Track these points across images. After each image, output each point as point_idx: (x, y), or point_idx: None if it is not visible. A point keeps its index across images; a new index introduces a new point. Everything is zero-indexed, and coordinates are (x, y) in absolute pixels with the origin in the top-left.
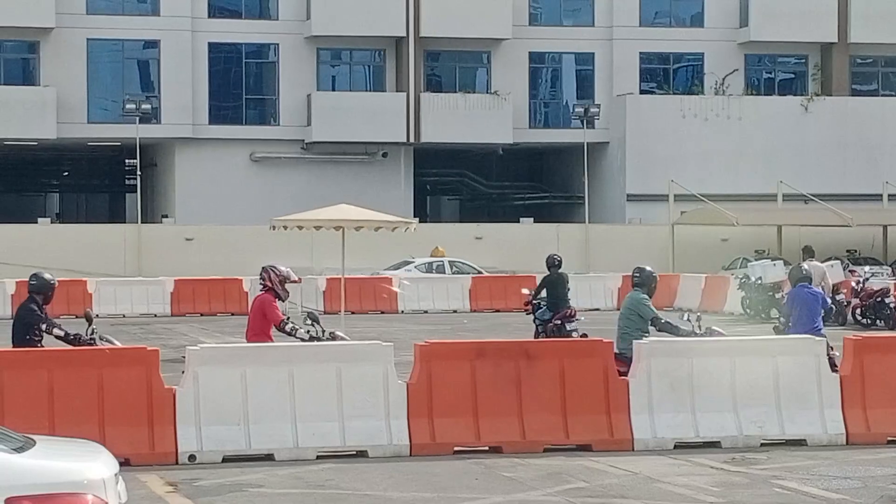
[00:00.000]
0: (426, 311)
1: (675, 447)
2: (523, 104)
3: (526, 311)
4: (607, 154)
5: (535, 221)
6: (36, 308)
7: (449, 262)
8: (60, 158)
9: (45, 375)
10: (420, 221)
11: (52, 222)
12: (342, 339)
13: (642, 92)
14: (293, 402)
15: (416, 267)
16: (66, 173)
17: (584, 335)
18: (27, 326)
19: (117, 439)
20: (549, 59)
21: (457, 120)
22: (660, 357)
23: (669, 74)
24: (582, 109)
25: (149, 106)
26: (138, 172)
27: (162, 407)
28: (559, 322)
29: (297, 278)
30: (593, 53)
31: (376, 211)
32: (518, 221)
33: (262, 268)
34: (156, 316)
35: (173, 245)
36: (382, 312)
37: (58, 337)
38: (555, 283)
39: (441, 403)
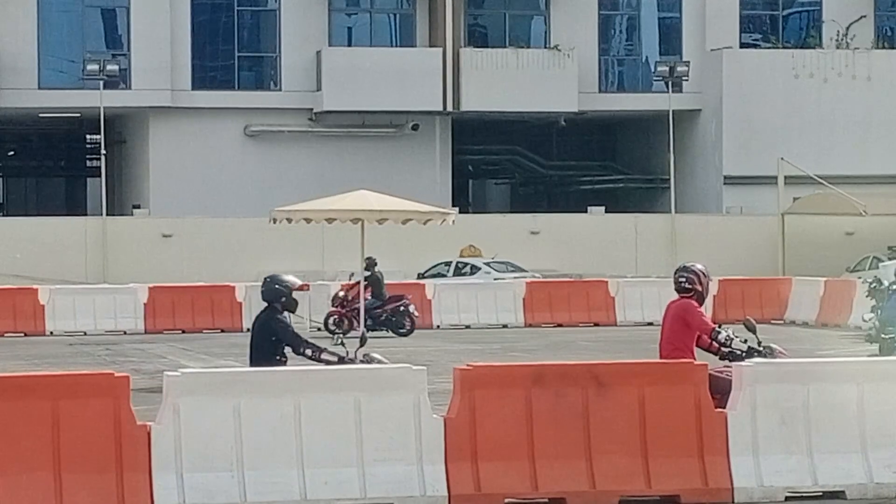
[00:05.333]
0: (468, 327)
1: (787, 498)
2: (591, 62)
3: None
4: (699, 125)
5: (606, 211)
6: None
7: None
8: (4, 134)
9: None
10: (460, 212)
11: None
12: (781, 354)
13: (743, 45)
14: (300, 442)
15: None
16: (12, 153)
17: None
18: None
19: (77, 489)
20: (625, 4)
21: (507, 82)
22: (767, 384)
23: (778, 23)
24: (666, 68)
25: (116, 67)
26: (103, 151)
27: (133, 449)
28: None
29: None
30: None
31: (404, 199)
32: (585, 211)
33: (683, 266)
34: (125, 333)
35: (147, 243)
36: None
37: None
38: None
39: (488, 443)
